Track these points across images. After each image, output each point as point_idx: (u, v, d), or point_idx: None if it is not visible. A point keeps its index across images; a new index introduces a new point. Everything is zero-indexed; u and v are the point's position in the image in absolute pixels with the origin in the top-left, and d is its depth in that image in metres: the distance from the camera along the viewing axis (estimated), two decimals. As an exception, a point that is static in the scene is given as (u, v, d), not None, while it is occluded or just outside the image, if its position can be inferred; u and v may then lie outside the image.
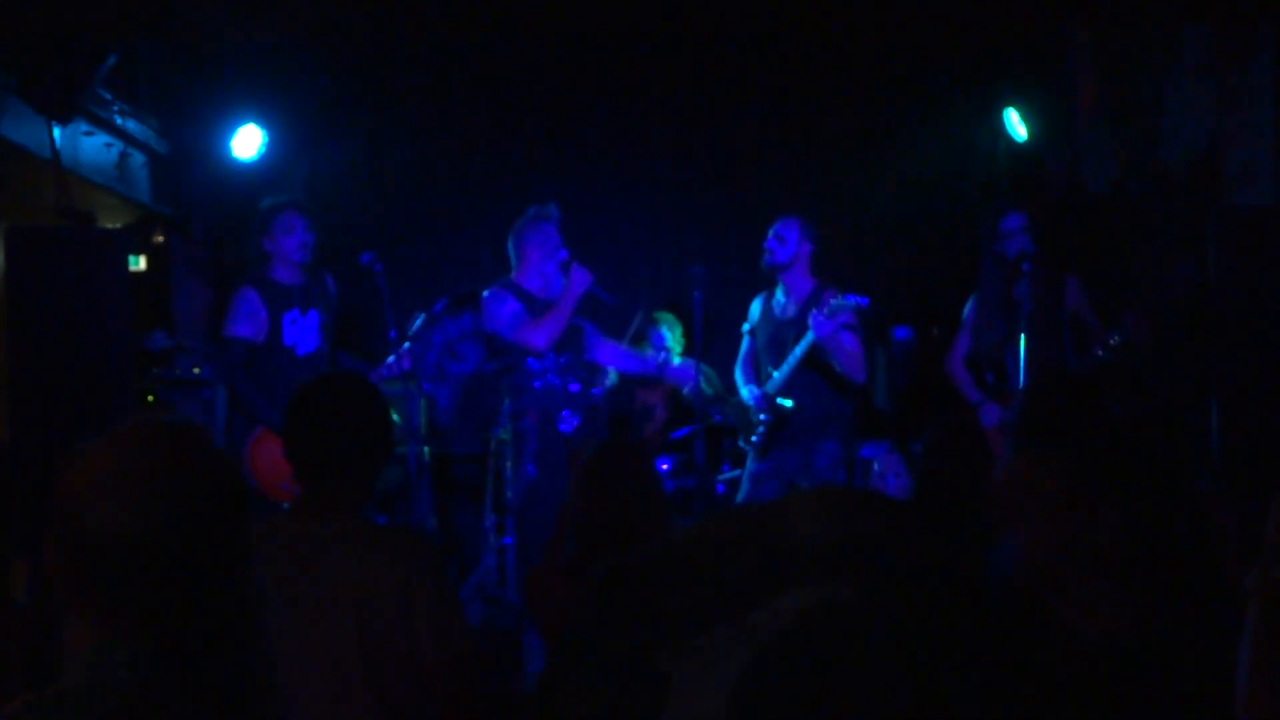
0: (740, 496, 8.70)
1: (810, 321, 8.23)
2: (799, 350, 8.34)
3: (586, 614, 0.99)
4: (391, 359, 8.24)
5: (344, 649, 3.70)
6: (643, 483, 4.80)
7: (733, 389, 9.04)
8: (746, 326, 8.83)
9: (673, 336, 9.93)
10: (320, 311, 8.12)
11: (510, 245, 8.59)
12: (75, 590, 2.08)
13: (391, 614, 3.74)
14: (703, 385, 9.04)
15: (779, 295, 8.65)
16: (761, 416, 8.52)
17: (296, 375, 7.78)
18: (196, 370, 9.17)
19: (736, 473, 9.46)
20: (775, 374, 8.50)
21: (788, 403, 8.48)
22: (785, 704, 0.87)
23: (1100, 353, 8.35)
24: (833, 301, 8.18)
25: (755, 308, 8.81)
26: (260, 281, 7.96)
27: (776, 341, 8.57)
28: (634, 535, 4.65)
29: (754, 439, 8.58)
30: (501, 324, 8.38)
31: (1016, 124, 9.96)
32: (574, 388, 8.32)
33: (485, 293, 8.56)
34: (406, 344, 8.50)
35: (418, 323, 8.36)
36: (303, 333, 8.00)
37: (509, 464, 8.44)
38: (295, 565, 3.74)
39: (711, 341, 9.18)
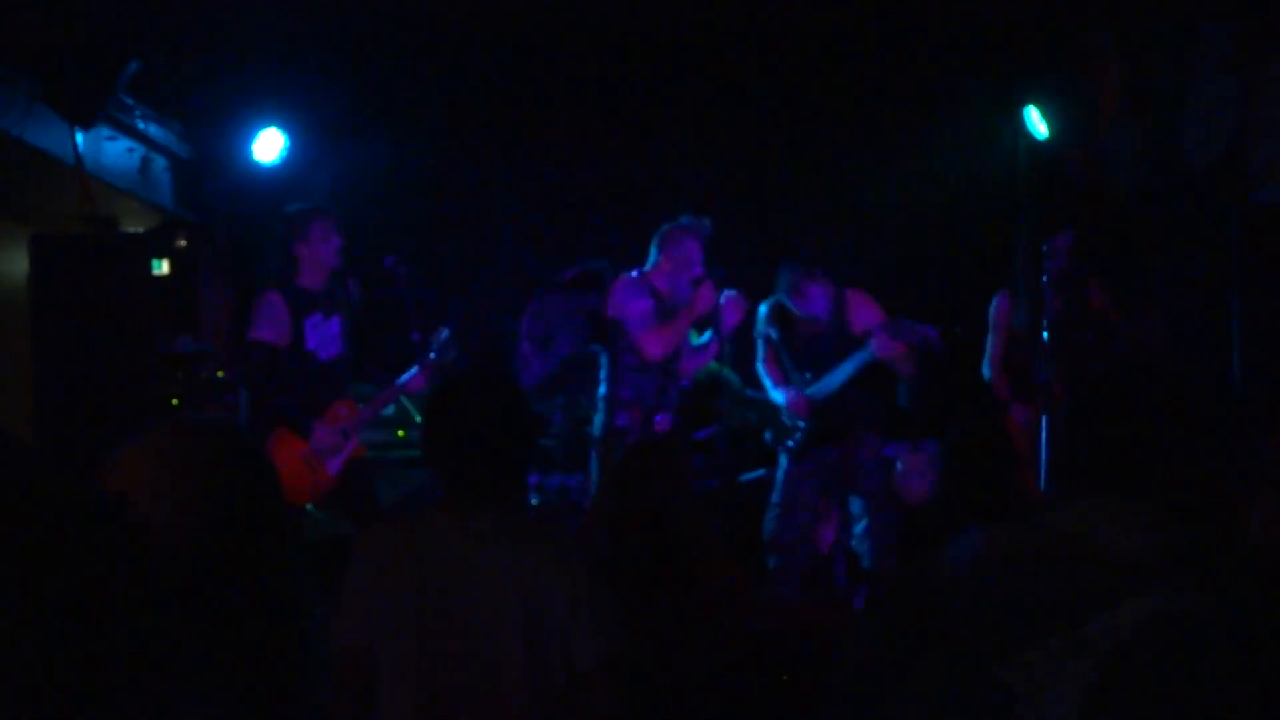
0: (776, 498, 8.63)
1: (873, 344, 8.18)
2: (853, 365, 8.30)
3: (880, 629, 0.99)
4: (438, 334, 8.20)
5: (509, 643, 3.62)
6: (676, 482, 4.79)
7: (759, 390, 9.01)
8: (763, 330, 8.75)
9: (694, 335, 9.93)
10: (343, 317, 8.10)
11: (654, 243, 8.54)
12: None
13: (562, 608, 3.67)
14: (730, 379, 9.05)
15: (801, 302, 8.57)
16: (800, 423, 8.48)
17: (318, 380, 7.79)
18: (220, 374, 9.19)
19: (760, 473, 9.44)
20: (821, 382, 8.43)
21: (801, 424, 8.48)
22: (1140, 710, 0.87)
23: (1124, 352, 8.37)
24: (904, 325, 8.15)
25: (767, 311, 8.74)
26: (285, 286, 7.92)
27: (808, 350, 8.52)
28: (666, 534, 4.65)
29: (790, 443, 8.53)
30: (630, 316, 8.36)
31: (1037, 122, 9.95)
32: (683, 384, 8.39)
33: (620, 278, 8.52)
34: (530, 306, 8.54)
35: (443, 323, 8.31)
36: (325, 338, 7.98)
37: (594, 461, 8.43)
38: (461, 559, 3.65)
39: (734, 343, 9.15)
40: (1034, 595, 0.93)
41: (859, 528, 8.52)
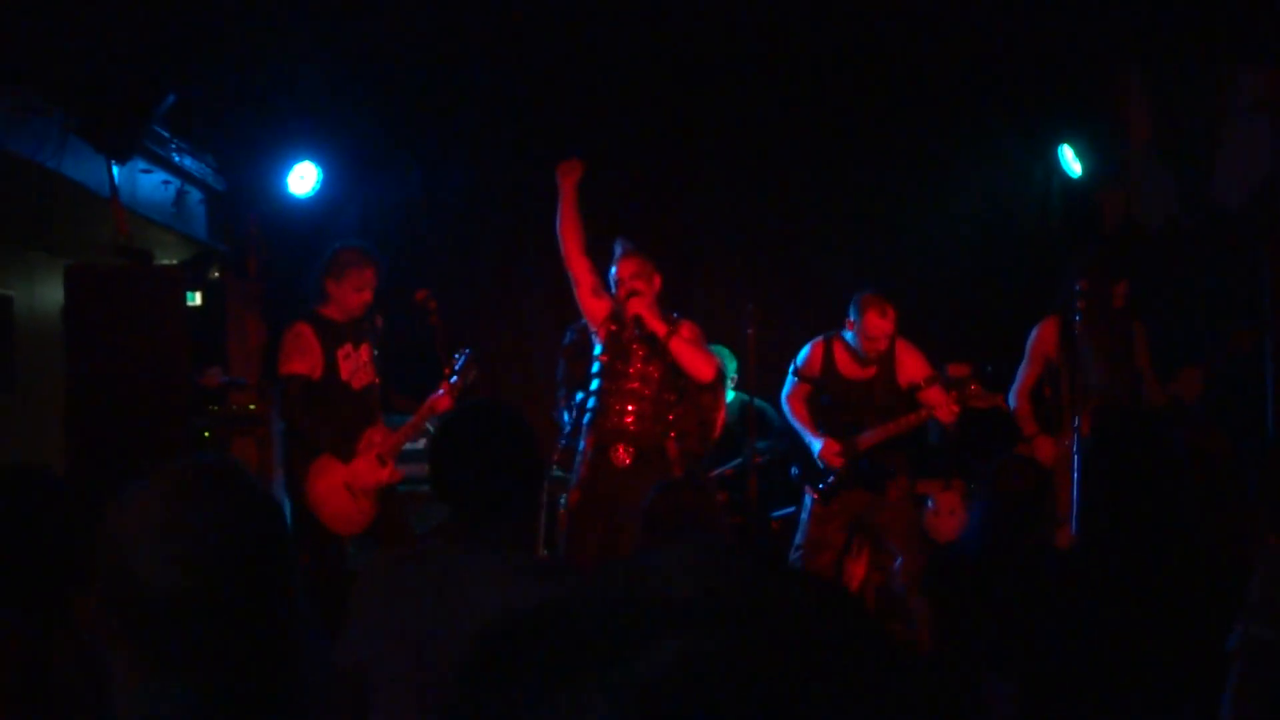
0: (799, 539, 8.61)
1: (935, 409, 8.16)
2: (908, 424, 8.29)
3: (469, 680, 1.01)
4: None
5: None
6: (708, 524, 4.78)
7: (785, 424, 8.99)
8: (799, 369, 8.70)
9: (727, 371, 9.92)
10: (371, 345, 8.16)
11: None
12: (121, 634, 2.10)
13: None
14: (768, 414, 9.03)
15: (848, 346, 8.51)
16: (835, 470, 8.44)
17: (353, 408, 7.84)
18: (252, 406, 9.22)
19: (791, 509, 9.42)
20: (865, 432, 8.38)
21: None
22: None
23: (1152, 399, 8.40)
24: (971, 391, 8.14)
25: (810, 350, 8.68)
26: (313, 317, 7.98)
27: (853, 398, 8.47)
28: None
29: (821, 487, 8.50)
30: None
31: (1071, 160, 9.95)
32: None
33: None
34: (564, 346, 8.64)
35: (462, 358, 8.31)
36: (356, 367, 8.04)
37: (562, 499, 8.44)
38: (464, 592, 3.65)
39: (765, 377, 9.14)
40: (582, 638, 0.94)
41: (896, 564, 8.51)
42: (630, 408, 8.09)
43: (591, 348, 8.42)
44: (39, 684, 3.43)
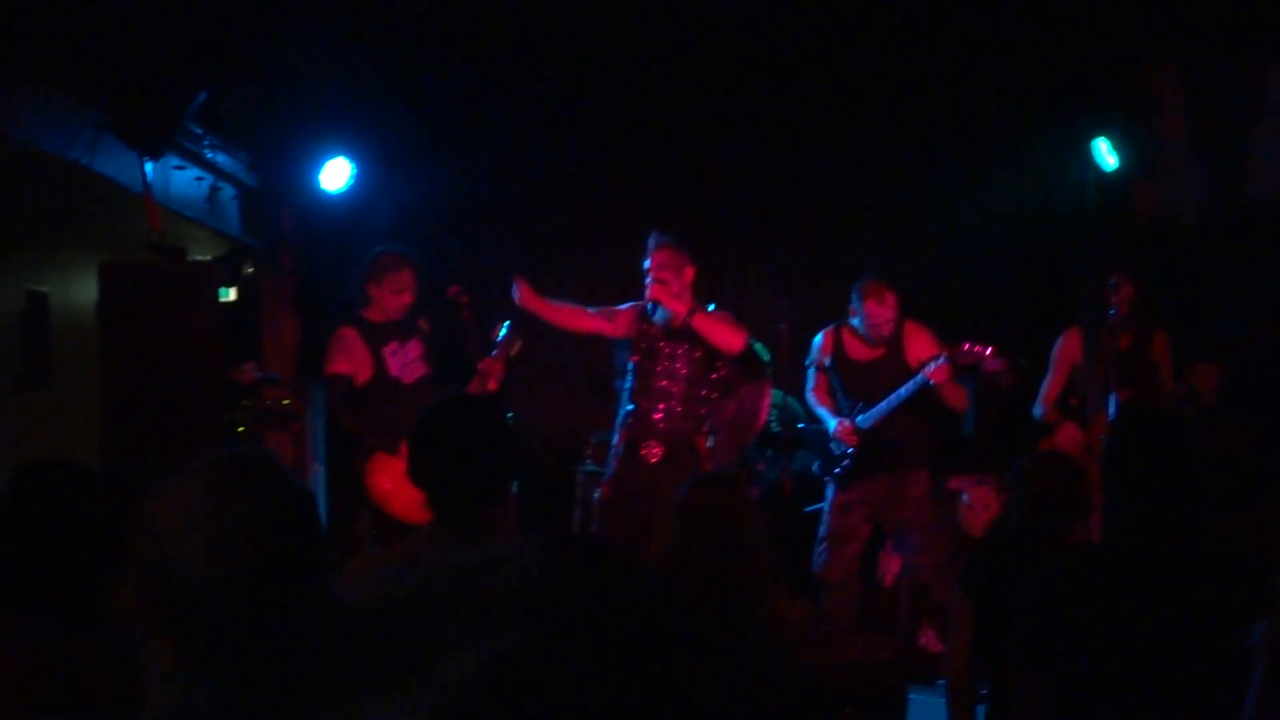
0: (822, 530, 8.63)
1: (928, 369, 8.14)
2: (906, 391, 8.26)
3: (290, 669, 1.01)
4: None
5: None
6: (741, 519, 4.77)
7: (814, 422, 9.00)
8: (814, 359, 8.72)
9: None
10: (419, 339, 8.25)
11: None
12: (157, 622, 2.11)
13: None
14: (787, 408, 9.03)
15: (856, 331, 8.54)
16: (849, 450, 8.45)
17: (405, 403, 7.89)
18: (286, 401, 9.25)
19: (822, 504, 9.43)
20: (873, 410, 8.39)
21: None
22: None
23: (1167, 393, 8.38)
24: (962, 350, 8.12)
25: (821, 340, 8.71)
26: (357, 321, 8.11)
27: (862, 380, 8.48)
28: (731, 572, 4.63)
29: (837, 471, 8.52)
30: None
31: (1106, 154, 9.91)
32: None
33: None
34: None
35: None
36: (406, 362, 8.14)
37: (595, 494, 8.46)
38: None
39: (799, 373, 9.14)
40: (408, 635, 0.93)
41: (918, 562, 8.50)
42: (660, 406, 8.12)
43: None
44: (69, 688, 3.45)
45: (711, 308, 8.21)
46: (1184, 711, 3.69)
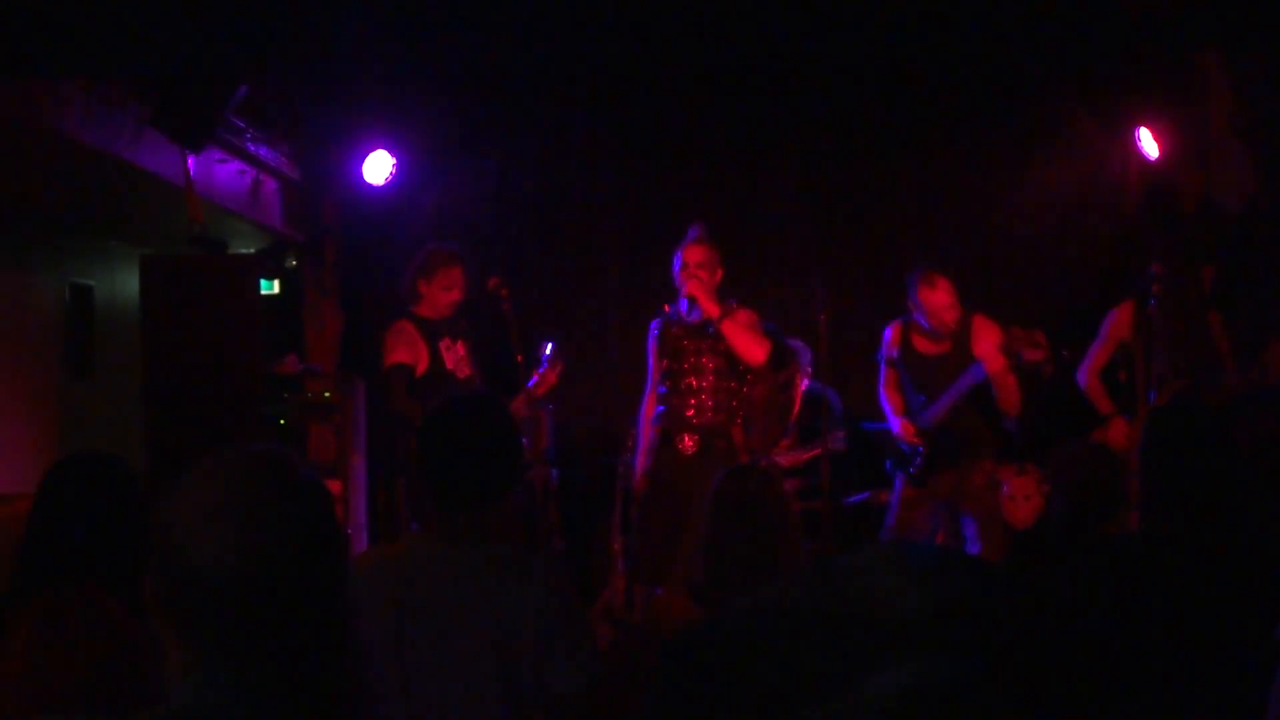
0: (889, 520, 8.61)
1: (981, 359, 8.11)
2: (965, 384, 8.23)
3: (660, 690, 0.98)
4: None
5: (483, 673, 3.74)
6: (774, 509, 4.77)
7: (879, 416, 8.97)
8: (884, 353, 8.71)
9: (802, 361, 9.91)
10: (465, 341, 8.30)
11: None
12: (175, 617, 2.12)
13: (531, 640, 3.77)
14: (826, 400, 9.02)
15: (926, 325, 8.49)
16: (919, 449, 8.43)
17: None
18: (328, 394, 9.28)
19: (864, 495, 9.41)
20: (934, 405, 8.36)
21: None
22: None
23: (1236, 384, 8.30)
24: (1013, 333, 8.08)
25: (890, 334, 8.68)
26: (411, 316, 8.16)
27: (929, 374, 8.45)
28: (764, 562, 4.63)
29: (911, 469, 8.49)
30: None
31: (1150, 142, 9.85)
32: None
33: None
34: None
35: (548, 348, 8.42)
36: (457, 359, 8.19)
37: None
38: (436, 590, 3.78)
39: (838, 364, 9.13)
40: (813, 654, 0.90)
41: (973, 551, 8.47)
42: (690, 402, 8.19)
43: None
44: (135, 670, 3.49)
45: (733, 303, 8.22)
46: (1214, 703, 3.67)
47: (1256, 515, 4.24)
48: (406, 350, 8.07)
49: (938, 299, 8.33)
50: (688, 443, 8.16)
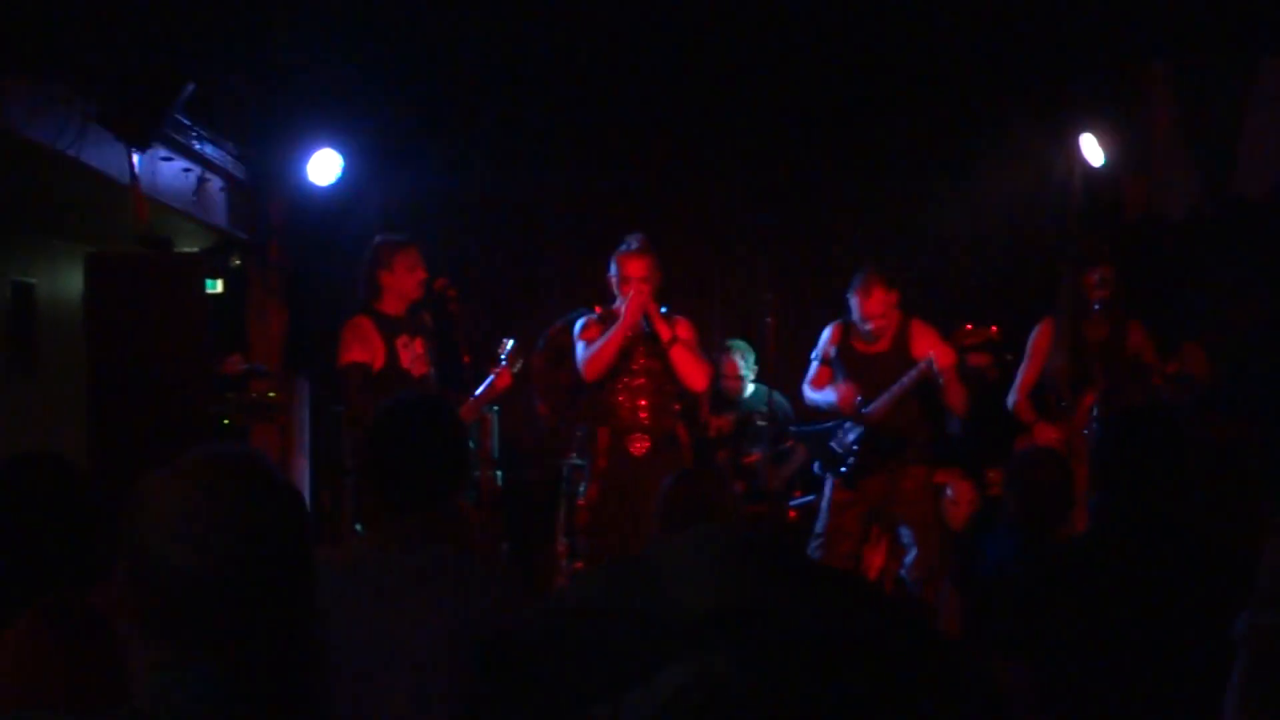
0: (819, 526, 8.61)
1: (932, 355, 8.13)
2: (908, 380, 8.26)
3: (474, 687, 0.99)
4: None
5: (432, 676, 3.73)
6: (724, 512, 4.79)
7: (806, 416, 9.00)
8: (820, 352, 8.73)
9: (746, 364, 9.94)
10: (424, 339, 8.28)
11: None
12: (143, 616, 2.12)
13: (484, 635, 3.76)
14: (774, 403, 9.05)
15: (861, 327, 8.51)
16: (855, 447, 8.44)
17: None
18: (272, 394, 9.24)
19: (809, 498, 9.43)
20: (876, 401, 8.38)
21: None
22: None
23: (1159, 383, 8.36)
24: (966, 330, 8.12)
25: (829, 333, 8.71)
26: (370, 311, 8.12)
27: (866, 376, 8.46)
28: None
29: (843, 470, 8.50)
30: (577, 355, 8.45)
31: (1093, 149, 9.91)
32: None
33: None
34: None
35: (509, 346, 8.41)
36: (414, 358, 8.16)
37: (581, 488, 8.49)
38: (381, 593, 3.77)
39: (784, 367, 9.15)
40: (593, 660, 0.92)
41: (909, 557, 8.49)
42: (641, 402, 8.23)
43: (566, 352, 8.53)
44: (65, 671, 3.47)
45: (663, 310, 8.24)
46: (1169, 702, 3.71)
47: (1200, 516, 4.29)
48: (362, 348, 8.03)
49: (869, 308, 8.38)
50: (639, 444, 8.19)
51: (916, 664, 0.94)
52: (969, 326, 8.12)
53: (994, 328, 8.12)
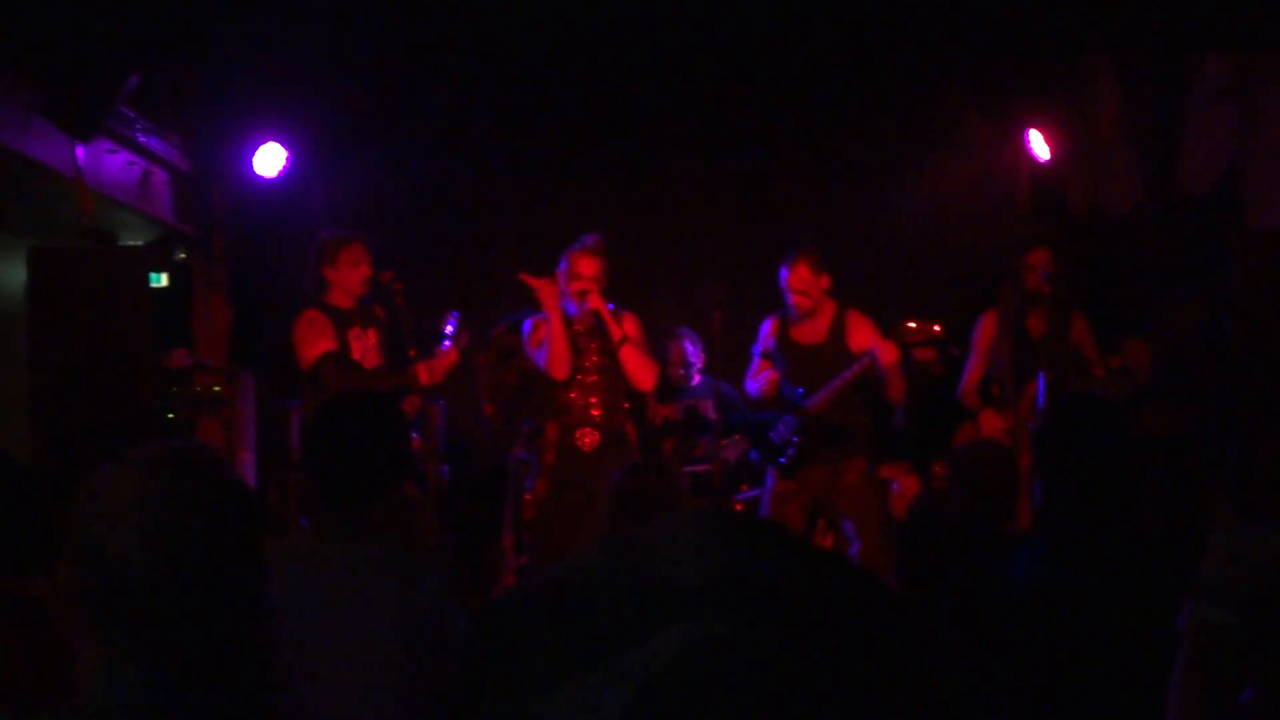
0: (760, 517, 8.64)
1: (875, 350, 8.14)
2: (849, 373, 8.27)
3: (469, 657, 1.00)
4: None
5: (376, 671, 3.73)
6: (673, 505, 4.79)
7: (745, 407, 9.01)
8: (759, 349, 8.74)
9: (696, 352, 9.96)
10: (376, 329, 8.25)
11: None
12: (90, 612, 2.10)
13: (430, 635, 3.79)
14: (720, 394, 9.07)
15: (799, 320, 8.54)
16: (794, 438, 8.46)
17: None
18: (217, 388, 9.19)
19: (755, 492, 9.45)
20: (811, 396, 8.40)
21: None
22: None
23: (1101, 376, 8.40)
24: (908, 327, 8.13)
25: (765, 329, 8.73)
26: (320, 305, 8.08)
27: (803, 366, 8.48)
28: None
29: (782, 460, 8.51)
30: (534, 354, 8.44)
31: (1039, 145, 9.96)
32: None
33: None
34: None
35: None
36: (366, 349, 8.13)
37: (528, 483, 8.49)
38: (332, 588, 3.76)
39: (731, 359, 9.16)
40: (587, 627, 0.93)
41: (852, 550, 8.51)
42: (594, 399, 8.23)
43: (510, 353, 8.55)
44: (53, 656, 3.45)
45: (610, 307, 8.25)
46: (1115, 694, 3.73)
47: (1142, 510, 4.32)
48: (324, 338, 7.98)
49: (790, 281, 8.38)
50: (588, 440, 8.19)
51: (899, 633, 0.96)
52: (912, 323, 8.13)
53: (937, 325, 8.12)
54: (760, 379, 8.51)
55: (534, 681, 0.92)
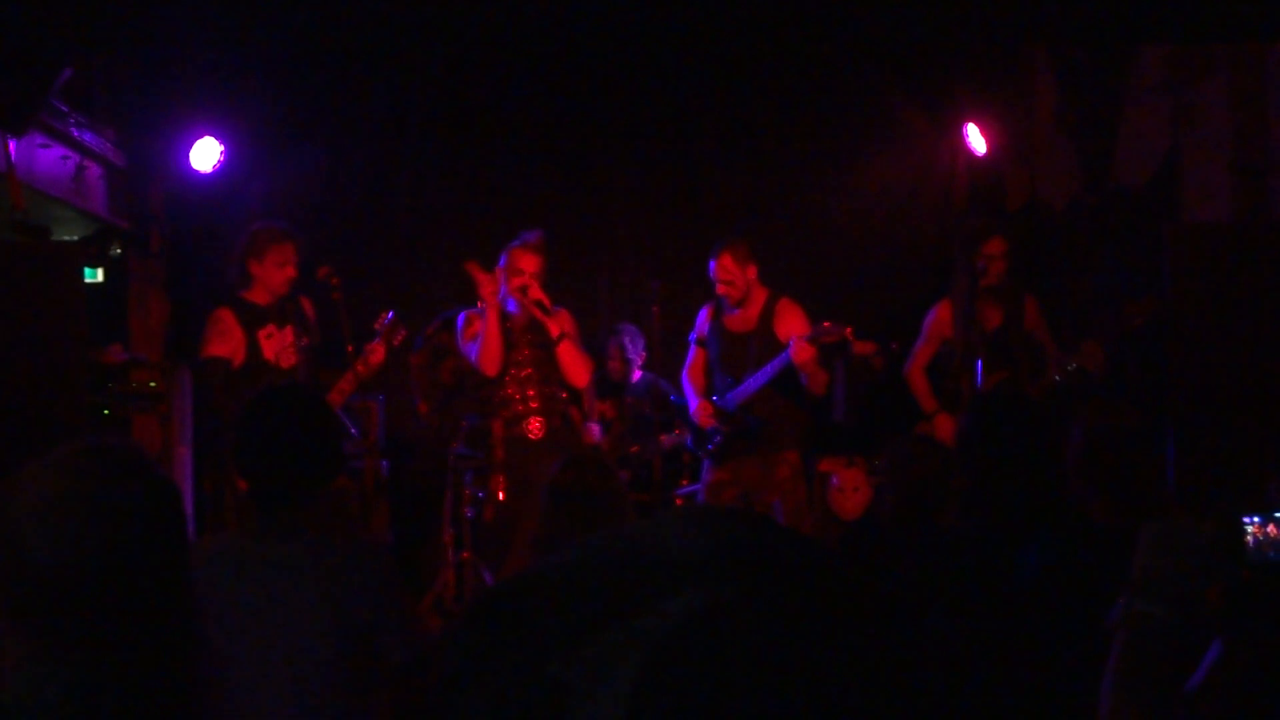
0: (698, 508, 8.66)
1: (790, 349, 8.16)
2: (771, 370, 8.29)
3: (468, 635, 1.01)
4: None
5: (313, 666, 3.72)
6: (610, 501, 4.77)
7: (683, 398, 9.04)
8: (694, 337, 8.79)
9: (635, 349, 9.96)
10: (295, 328, 8.17)
11: None
12: (12, 609, 2.08)
13: (363, 626, 3.81)
14: (658, 388, 9.08)
15: (731, 308, 8.58)
16: (720, 426, 8.49)
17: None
18: (153, 384, 9.12)
19: (695, 487, 9.46)
20: (739, 386, 8.44)
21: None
22: (684, 700, 0.89)
23: (1057, 378, 8.44)
24: (823, 328, 8.15)
25: (700, 317, 8.78)
26: (234, 302, 8.02)
27: (733, 353, 8.53)
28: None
29: (709, 447, 8.54)
30: (468, 349, 8.43)
31: (977, 138, 9.99)
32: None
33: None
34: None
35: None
36: (281, 347, 8.06)
37: (468, 476, 8.48)
38: (261, 586, 3.75)
39: (670, 355, 9.17)
40: (599, 592, 0.96)
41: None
42: (530, 392, 8.27)
43: (444, 351, 8.56)
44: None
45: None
46: (1048, 691, 3.74)
47: (1082, 507, 4.33)
48: (221, 342, 7.94)
49: (715, 271, 8.45)
50: (535, 428, 8.21)
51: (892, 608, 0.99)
52: (826, 324, 8.17)
53: (848, 329, 8.14)
54: (699, 415, 8.56)
55: (549, 641, 0.94)
